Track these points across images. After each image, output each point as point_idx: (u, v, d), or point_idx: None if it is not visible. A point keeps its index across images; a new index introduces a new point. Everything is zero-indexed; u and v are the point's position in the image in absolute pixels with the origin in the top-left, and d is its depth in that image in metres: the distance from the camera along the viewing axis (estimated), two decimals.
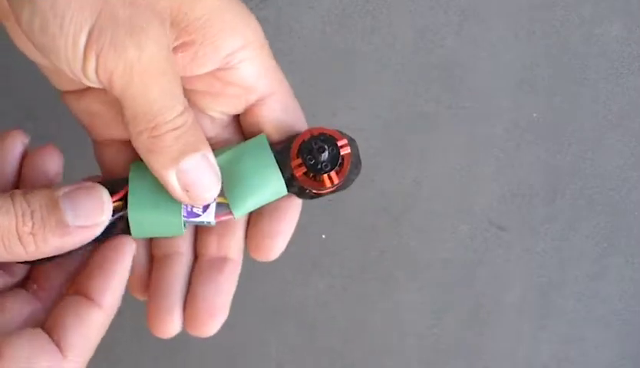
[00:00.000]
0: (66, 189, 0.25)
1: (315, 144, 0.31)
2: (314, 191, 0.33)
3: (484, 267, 0.39)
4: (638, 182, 0.41)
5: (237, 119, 0.30)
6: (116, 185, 0.28)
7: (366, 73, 0.40)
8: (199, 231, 0.30)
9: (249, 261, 0.39)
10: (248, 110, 0.29)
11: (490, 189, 0.40)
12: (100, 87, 0.24)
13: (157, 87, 0.24)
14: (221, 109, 0.29)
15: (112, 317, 0.25)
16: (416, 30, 0.41)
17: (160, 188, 0.28)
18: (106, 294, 0.25)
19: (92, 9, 0.23)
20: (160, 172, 0.26)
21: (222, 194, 0.31)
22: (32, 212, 0.24)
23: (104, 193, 0.26)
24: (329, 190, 0.33)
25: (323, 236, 0.37)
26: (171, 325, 0.27)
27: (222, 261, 0.28)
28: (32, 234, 0.23)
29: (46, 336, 0.24)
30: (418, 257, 0.39)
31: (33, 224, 0.24)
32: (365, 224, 0.39)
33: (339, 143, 0.32)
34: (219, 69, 0.26)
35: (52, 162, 0.27)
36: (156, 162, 0.25)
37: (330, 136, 0.31)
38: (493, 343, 0.38)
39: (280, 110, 0.29)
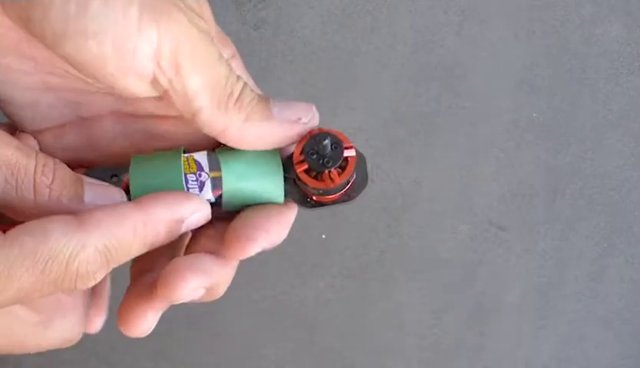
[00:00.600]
0: (90, 179, 0.24)
1: (318, 138, 0.31)
2: (315, 197, 0.34)
3: (484, 267, 0.39)
4: (638, 182, 0.41)
5: None
6: (114, 172, 0.28)
7: (366, 73, 0.40)
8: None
9: (249, 261, 0.39)
10: None
11: (490, 189, 0.40)
12: (148, 83, 0.23)
13: (216, 55, 0.24)
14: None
15: (148, 221, 0.23)
16: (416, 30, 0.41)
17: (161, 177, 0.28)
18: (150, 200, 0.23)
19: None
20: (267, 127, 0.24)
21: (217, 168, 0.30)
22: (55, 170, 0.22)
23: (122, 193, 0.25)
24: (332, 197, 0.33)
25: (323, 236, 0.37)
26: (148, 322, 0.27)
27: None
28: (50, 188, 0.22)
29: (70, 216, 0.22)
30: (418, 257, 0.39)
31: (54, 179, 0.22)
32: (365, 224, 0.39)
33: (344, 145, 0.32)
34: None
35: None
36: (259, 119, 0.24)
37: (335, 135, 0.32)
38: (493, 343, 0.38)
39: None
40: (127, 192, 0.28)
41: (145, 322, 0.26)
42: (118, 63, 0.22)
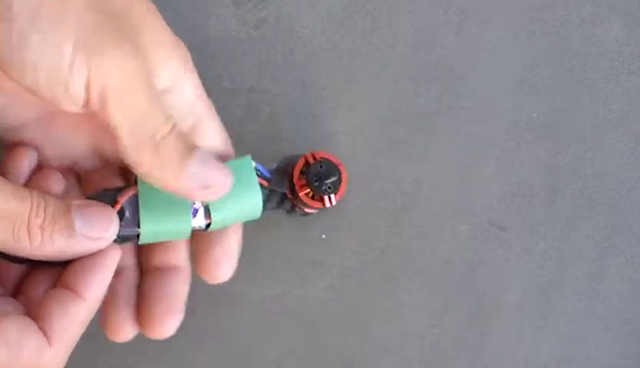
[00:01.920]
0: (78, 202, 0.26)
1: (321, 167, 0.33)
2: (305, 209, 0.35)
3: (484, 267, 0.39)
4: (638, 182, 0.41)
5: None
6: (111, 194, 0.29)
7: (366, 73, 0.40)
8: (143, 246, 0.31)
9: (248, 262, 0.39)
10: None
11: (490, 189, 0.40)
12: (81, 108, 0.24)
13: (146, 93, 0.25)
14: None
15: (95, 311, 0.27)
16: (416, 30, 0.41)
17: (168, 196, 0.29)
18: (90, 288, 0.26)
19: (73, 23, 0.22)
20: (177, 180, 0.26)
21: None
22: (46, 208, 0.24)
23: (113, 213, 0.27)
24: (318, 209, 0.35)
25: (323, 236, 0.37)
26: (127, 331, 0.29)
27: (173, 268, 0.30)
28: (41, 228, 0.24)
29: (33, 322, 0.25)
30: (418, 257, 0.39)
31: (44, 218, 0.24)
32: (365, 224, 0.39)
33: (339, 168, 0.34)
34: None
35: (55, 184, 0.28)
36: (171, 171, 0.26)
37: (333, 161, 0.34)
38: (493, 343, 0.38)
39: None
40: (120, 211, 0.30)
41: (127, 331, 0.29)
42: (52, 92, 0.23)
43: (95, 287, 0.26)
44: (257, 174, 0.32)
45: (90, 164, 0.31)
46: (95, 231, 0.26)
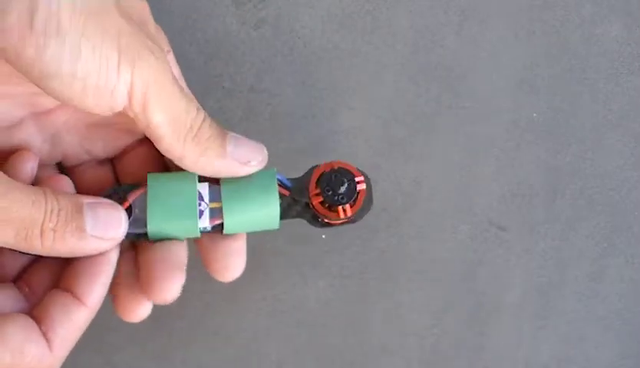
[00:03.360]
0: (89, 200, 0.27)
1: (335, 177, 0.33)
2: (325, 220, 0.35)
3: (484, 267, 0.39)
4: (638, 182, 0.41)
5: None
6: (122, 192, 0.30)
7: (366, 73, 0.40)
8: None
9: (249, 261, 0.39)
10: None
11: (490, 189, 0.40)
12: (115, 111, 0.26)
13: (177, 90, 0.27)
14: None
15: (94, 315, 0.28)
16: (416, 30, 0.41)
17: (176, 196, 0.30)
18: (92, 295, 0.27)
19: (115, 33, 0.25)
20: (218, 162, 0.29)
21: (217, 200, 0.32)
22: (59, 211, 0.25)
23: (123, 214, 0.28)
24: (341, 221, 0.35)
25: (323, 236, 0.38)
26: (142, 308, 0.30)
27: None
28: (54, 230, 0.25)
29: (36, 325, 0.26)
30: (418, 257, 0.39)
31: (57, 221, 0.25)
32: (365, 224, 0.39)
33: (357, 179, 0.34)
34: None
35: (66, 188, 0.29)
36: (213, 156, 0.29)
37: (349, 170, 0.34)
38: (493, 343, 0.38)
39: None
40: (129, 208, 0.31)
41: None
42: (97, 100, 0.25)
43: (97, 293, 0.28)
44: (278, 184, 0.32)
45: (78, 159, 0.32)
46: (105, 232, 0.27)
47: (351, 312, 0.38)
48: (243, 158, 0.29)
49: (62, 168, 0.32)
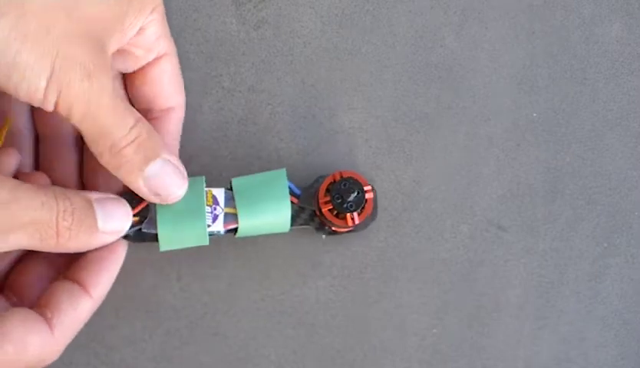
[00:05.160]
0: (97, 196, 0.28)
1: (345, 185, 0.34)
2: (333, 228, 0.36)
3: (484, 267, 0.39)
4: (638, 182, 0.41)
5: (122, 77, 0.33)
6: (131, 200, 0.31)
7: (366, 73, 0.40)
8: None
9: (249, 261, 0.39)
10: (140, 70, 0.32)
11: (490, 189, 0.40)
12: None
13: (108, 111, 0.27)
14: (118, 67, 0.32)
15: (96, 308, 0.29)
16: (416, 30, 0.41)
17: (185, 205, 0.31)
18: (98, 287, 0.28)
19: (49, 54, 0.24)
20: (130, 184, 0.29)
21: (232, 205, 0.33)
22: (74, 210, 0.26)
23: (128, 207, 0.29)
24: (347, 229, 0.36)
25: (323, 236, 0.37)
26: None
27: None
28: (69, 229, 0.26)
29: (37, 315, 0.26)
30: (418, 257, 0.39)
31: (73, 220, 0.26)
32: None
33: (366, 188, 0.35)
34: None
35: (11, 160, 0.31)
36: (125, 176, 0.28)
37: (357, 180, 0.34)
38: (493, 343, 0.38)
39: (170, 72, 0.32)
40: (146, 208, 0.31)
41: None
42: (27, 92, 0.25)
43: (102, 286, 0.29)
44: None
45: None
46: (116, 225, 0.28)
47: (351, 312, 0.38)
48: (154, 189, 0.29)
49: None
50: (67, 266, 0.29)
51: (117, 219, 0.28)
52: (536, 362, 0.39)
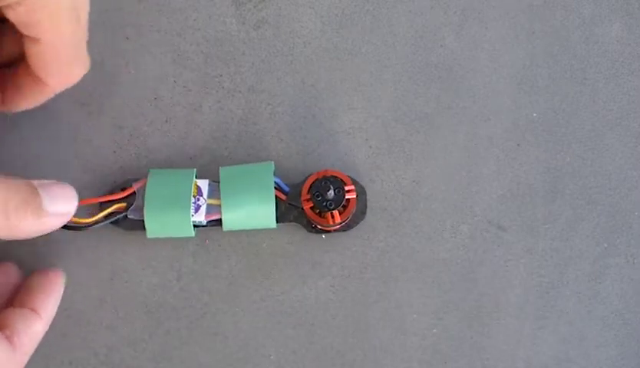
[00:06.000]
0: (39, 181, 0.29)
1: (324, 183, 0.34)
2: (318, 226, 0.36)
3: (484, 267, 0.39)
4: (638, 182, 0.41)
5: None
6: (130, 182, 0.32)
7: (366, 73, 0.40)
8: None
9: (249, 261, 0.39)
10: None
11: (490, 189, 0.40)
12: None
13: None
14: None
15: (48, 327, 0.31)
16: (416, 30, 0.41)
17: (172, 188, 0.32)
18: (47, 309, 0.31)
19: None
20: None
21: (216, 197, 0.33)
22: (18, 191, 0.27)
23: (73, 190, 0.30)
24: (333, 228, 0.36)
25: (323, 236, 0.37)
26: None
27: None
28: (17, 209, 0.27)
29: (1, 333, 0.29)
30: (418, 257, 0.39)
31: (19, 201, 0.27)
32: (365, 224, 0.39)
33: (346, 188, 0.35)
34: None
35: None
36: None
37: (339, 179, 0.35)
38: (493, 343, 0.38)
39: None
40: (133, 194, 0.32)
41: None
42: None
43: (50, 308, 0.31)
44: (275, 187, 0.33)
45: None
46: (61, 207, 0.29)
47: (351, 312, 0.38)
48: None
49: None
50: (16, 297, 0.31)
51: (63, 201, 0.29)
52: (536, 362, 0.39)
